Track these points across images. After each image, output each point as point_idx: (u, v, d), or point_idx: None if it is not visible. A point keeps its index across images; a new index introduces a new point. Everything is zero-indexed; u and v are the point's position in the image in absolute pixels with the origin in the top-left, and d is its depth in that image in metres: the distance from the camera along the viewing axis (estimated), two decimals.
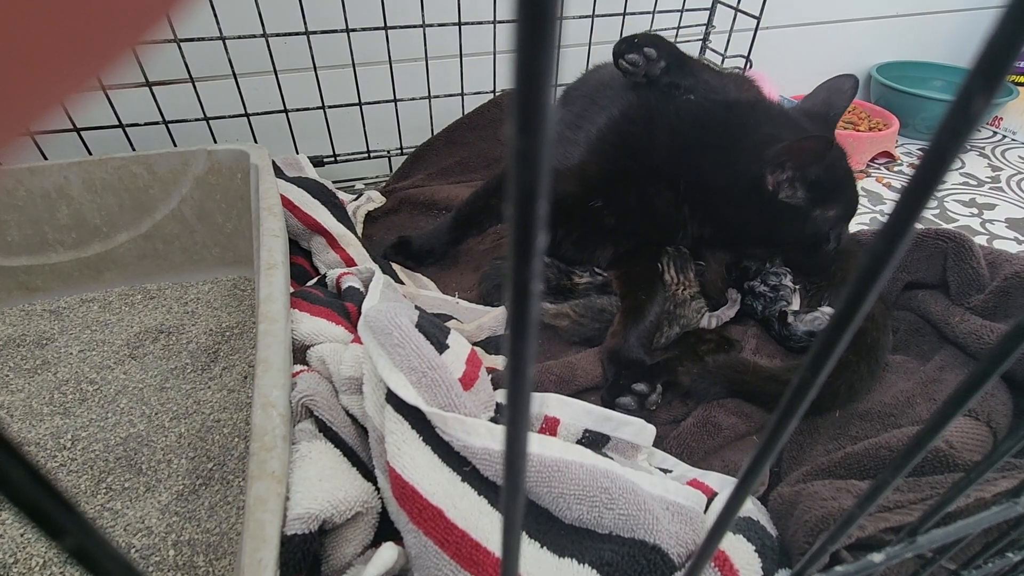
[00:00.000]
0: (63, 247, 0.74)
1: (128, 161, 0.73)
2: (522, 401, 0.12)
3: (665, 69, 0.70)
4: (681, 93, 0.70)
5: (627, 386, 0.62)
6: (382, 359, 0.48)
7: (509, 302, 0.10)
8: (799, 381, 0.15)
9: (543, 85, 0.08)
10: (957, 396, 0.17)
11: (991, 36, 0.09)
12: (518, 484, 0.13)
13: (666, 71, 0.70)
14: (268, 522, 0.36)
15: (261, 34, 0.82)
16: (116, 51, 0.08)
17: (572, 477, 0.45)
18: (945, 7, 1.42)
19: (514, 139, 0.08)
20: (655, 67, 0.70)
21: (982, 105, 0.10)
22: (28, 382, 0.64)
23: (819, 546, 0.23)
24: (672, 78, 0.70)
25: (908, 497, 0.48)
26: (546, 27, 0.07)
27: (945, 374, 0.63)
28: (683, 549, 0.44)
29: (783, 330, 0.70)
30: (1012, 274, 0.65)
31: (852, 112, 1.28)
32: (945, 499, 0.24)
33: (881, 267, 0.12)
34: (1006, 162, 1.25)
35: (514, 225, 0.09)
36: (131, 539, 0.50)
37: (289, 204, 0.75)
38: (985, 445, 0.54)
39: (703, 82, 0.72)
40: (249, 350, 0.69)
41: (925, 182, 0.11)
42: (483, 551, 0.40)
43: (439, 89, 0.97)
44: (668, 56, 0.70)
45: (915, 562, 0.40)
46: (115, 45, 0.08)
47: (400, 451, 0.44)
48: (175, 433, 0.59)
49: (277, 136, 0.92)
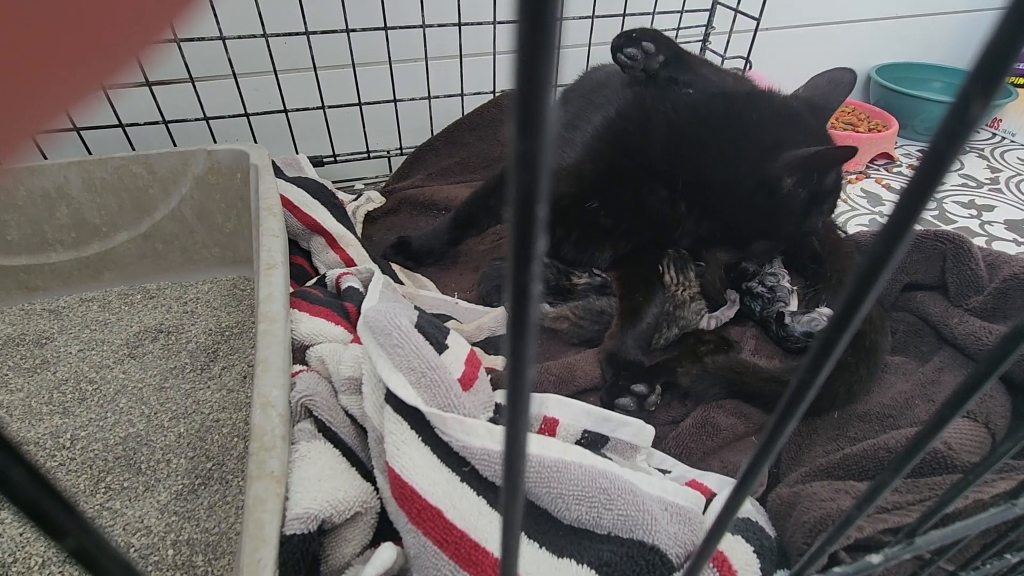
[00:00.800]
0: (63, 246, 0.74)
1: (128, 161, 0.73)
2: (522, 403, 0.12)
3: (663, 64, 0.69)
4: (679, 88, 0.70)
5: (626, 387, 0.62)
6: (381, 359, 0.48)
7: (509, 305, 0.10)
8: (798, 383, 0.15)
9: (544, 88, 0.08)
10: (956, 398, 0.17)
11: (989, 40, 0.09)
12: (518, 485, 0.13)
13: (664, 65, 0.70)
14: (267, 522, 0.36)
15: (261, 34, 0.82)
16: (123, 60, 0.08)
17: (571, 478, 0.45)
18: (945, 9, 1.42)
19: (514, 142, 0.08)
20: (653, 61, 0.70)
21: (980, 109, 0.10)
22: (27, 381, 0.64)
23: (818, 547, 0.23)
24: (671, 72, 0.70)
25: (906, 498, 0.48)
26: (547, 31, 0.07)
27: (944, 375, 0.63)
28: (682, 550, 0.44)
29: (780, 331, 0.70)
30: (1011, 276, 0.65)
31: (852, 113, 1.28)
32: (943, 500, 0.24)
33: (879, 269, 0.12)
34: (1005, 164, 1.26)
35: (514, 228, 0.09)
36: (130, 538, 0.50)
37: (289, 204, 0.75)
38: (983, 447, 0.54)
39: (702, 77, 0.72)
40: (248, 350, 0.69)
41: (923, 185, 0.11)
42: (482, 551, 0.40)
43: (439, 89, 0.97)
44: (667, 51, 0.70)
45: (913, 563, 0.40)
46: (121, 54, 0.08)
47: (399, 451, 0.44)
48: (174, 433, 0.59)
49: (277, 136, 0.92)
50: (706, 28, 1.11)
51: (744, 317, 0.75)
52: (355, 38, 0.87)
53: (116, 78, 0.08)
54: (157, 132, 0.84)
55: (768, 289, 0.73)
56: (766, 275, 0.75)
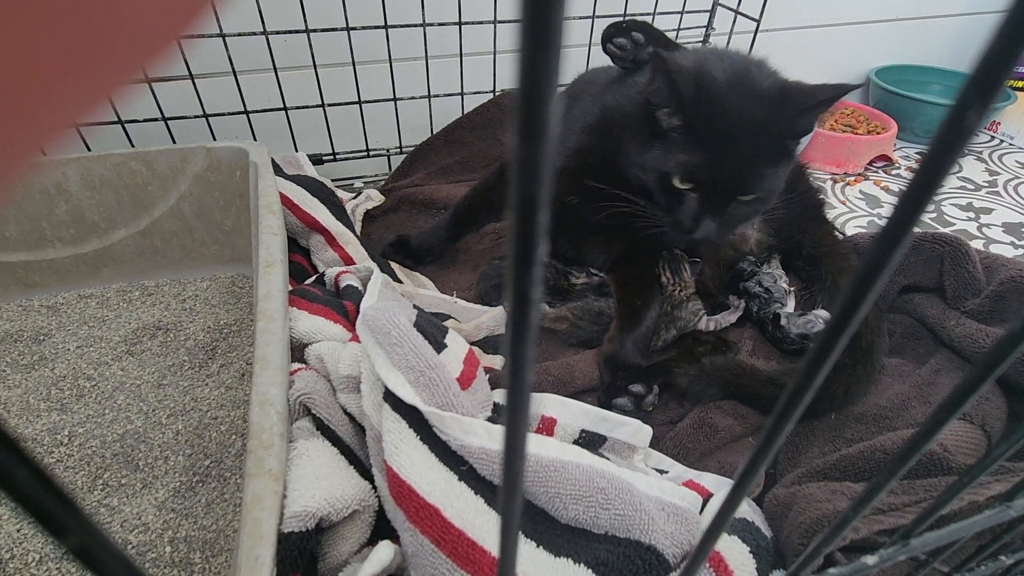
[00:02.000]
0: (61, 243, 0.74)
1: (127, 158, 0.73)
2: (521, 405, 0.12)
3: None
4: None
5: (624, 387, 0.62)
6: (380, 358, 0.48)
7: (510, 309, 0.10)
8: (795, 386, 0.15)
9: (547, 95, 0.08)
10: (952, 400, 0.17)
11: (986, 49, 0.09)
12: (516, 484, 0.14)
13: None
14: (265, 520, 0.36)
15: (261, 32, 0.82)
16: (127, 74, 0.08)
17: (569, 477, 0.45)
18: (944, 11, 1.42)
19: (517, 148, 0.08)
20: (643, 52, 0.69)
21: (976, 118, 0.10)
22: (25, 378, 0.64)
23: (814, 548, 0.23)
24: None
25: (902, 500, 0.48)
26: (550, 39, 0.07)
27: (940, 377, 0.63)
28: (678, 550, 0.44)
29: (776, 332, 0.70)
30: (1008, 278, 0.65)
31: (851, 115, 1.28)
32: (939, 502, 0.24)
33: (877, 274, 0.12)
34: (1003, 166, 1.26)
35: (515, 233, 0.09)
36: (128, 535, 0.50)
37: (288, 202, 0.75)
38: (979, 449, 0.54)
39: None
40: (247, 347, 0.69)
41: (920, 191, 0.11)
42: (479, 550, 0.41)
43: (439, 88, 0.97)
44: (656, 41, 0.69)
45: (909, 564, 0.40)
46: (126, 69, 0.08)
47: (397, 450, 0.44)
48: (172, 430, 0.59)
49: (276, 134, 0.92)
50: (706, 29, 1.11)
51: (742, 318, 0.75)
52: (355, 36, 0.87)
53: (120, 90, 0.08)
54: (156, 129, 0.83)
55: (765, 289, 0.73)
56: (763, 275, 0.75)
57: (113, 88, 0.08)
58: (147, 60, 0.09)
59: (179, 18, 0.09)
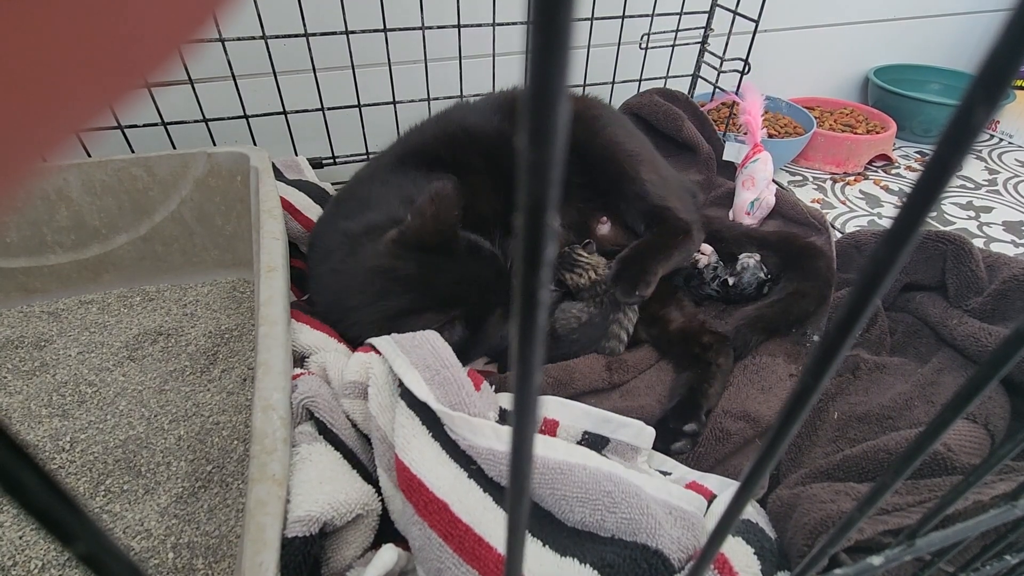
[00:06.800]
0: (62, 249, 0.74)
1: (128, 163, 0.73)
2: (528, 407, 0.12)
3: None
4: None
5: (678, 430, 0.60)
6: (400, 358, 0.50)
7: (517, 310, 0.10)
8: (800, 387, 0.15)
9: (556, 98, 0.08)
10: (956, 400, 0.17)
11: (993, 47, 0.09)
12: (524, 485, 0.13)
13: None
14: (269, 525, 0.36)
15: (260, 36, 0.82)
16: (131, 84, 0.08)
17: (575, 480, 0.45)
18: (943, 11, 1.42)
19: (526, 151, 0.08)
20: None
21: (983, 116, 0.10)
22: (26, 384, 0.64)
23: (819, 549, 0.23)
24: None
25: (907, 500, 0.48)
26: (561, 44, 0.07)
27: (943, 377, 0.63)
28: (683, 553, 0.44)
29: (705, 288, 0.77)
30: (1010, 277, 0.65)
31: (850, 115, 1.28)
32: (944, 502, 0.24)
33: (884, 273, 0.12)
34: (1003, 165, 1.26)
35: (524, 235, 0.09)
36: (130, 542, 0.50)
37: (289, 207, 0.75)
38: (983, 448, 0.54)
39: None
40: (248, 353, 0.69)
41: (928, 189, 0.11)
42: (485, 546, 0.41)
43: (438, 91, 0.97)
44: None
45: (914, 565, 0.40)
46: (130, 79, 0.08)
47: (409, 444, 0.45)
48: (174, 435, 0.59)
49: (276, 138, 0.92)
50: (705, 30, 1.11)
51: (714, 301, 0.79)
52: (354, 40, 0.87)
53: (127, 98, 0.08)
54: (156, 134, 0.84)
55: (733, 286, 0.77)
56: (729, 275, 0.78)
57: (119, 96, 0.08)
58: (153, 68, 0.09)
59: (185, 27, 0.09)
